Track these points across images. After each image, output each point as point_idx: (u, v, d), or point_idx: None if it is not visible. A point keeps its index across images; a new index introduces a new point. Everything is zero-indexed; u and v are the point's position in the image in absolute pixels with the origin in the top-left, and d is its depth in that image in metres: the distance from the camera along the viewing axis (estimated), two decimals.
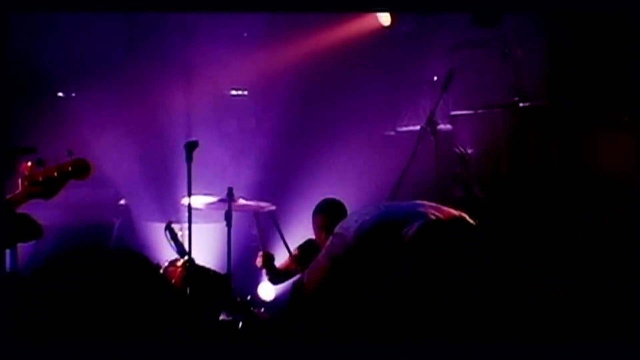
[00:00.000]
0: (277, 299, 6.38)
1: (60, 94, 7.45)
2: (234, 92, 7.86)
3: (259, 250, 6.24)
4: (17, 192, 4.52)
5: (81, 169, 4.65)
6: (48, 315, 4.84)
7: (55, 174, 4.43)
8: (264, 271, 6.27)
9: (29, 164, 4.51)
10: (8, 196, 4.78)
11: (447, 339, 4.94)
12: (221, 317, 5.88)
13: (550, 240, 6.81)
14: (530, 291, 6.14)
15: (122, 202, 7.62)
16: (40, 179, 4.41)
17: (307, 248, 6.02)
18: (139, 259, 5.40)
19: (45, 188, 4.57)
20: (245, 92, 7.89)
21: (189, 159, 5.75)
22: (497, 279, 5.37)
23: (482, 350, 4.88)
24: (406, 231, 4.81)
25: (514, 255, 6.48)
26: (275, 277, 6.13)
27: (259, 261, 6.16)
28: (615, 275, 6.37)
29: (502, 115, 7.01)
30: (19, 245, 5.41)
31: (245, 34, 7.67)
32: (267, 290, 6.38)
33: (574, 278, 6.44)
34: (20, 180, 4.46)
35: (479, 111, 7.06)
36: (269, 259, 6.17)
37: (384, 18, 7.09)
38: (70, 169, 4.56)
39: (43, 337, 4.72)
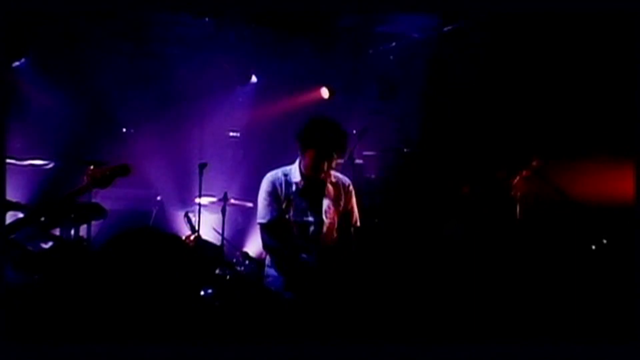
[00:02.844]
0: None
1: (124, 129, 9.47)
2: (231, 134, 9.85)
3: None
4: (83, 185, 5.62)
5: (123, 169, 5.72)
6: (117, 267, 5.79)
7: (107, 172, 5.46)
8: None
9: (92, 167, 5.55)
10: (76, 188, 5.76)
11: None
12: (217, 272, 6.77)
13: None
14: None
15: (158, 197, 9.28)
16: (98, 175, 5.45)
17: None
18: (169, 234, 7.42)
19: (101, 182, 5.56)
20: (238, 134, 9.87)
21: (200, 173, 7.88)
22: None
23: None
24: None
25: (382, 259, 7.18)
26: None
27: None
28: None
29: (393, 156, 8.66)
30: (93, 223, 7.22)
31: (240, 99, 9.78)
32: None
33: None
34: (85, 178, 5.50)
35: (379, 153, 8.68)
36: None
37: (324, 92, 9.07)
38: (117, 169, 5.61)
39: (119, 286, 5.62)
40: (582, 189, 7.78)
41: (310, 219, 6.07)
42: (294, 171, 6.11)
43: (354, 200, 6.23)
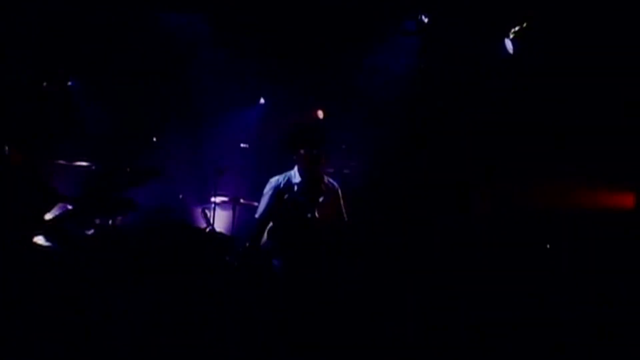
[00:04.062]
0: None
1: (154, 139, 9.71)
2: (242, 145, 10.03)
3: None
4: (119, 184, 6.66)
5: (154, 173, 6.94)
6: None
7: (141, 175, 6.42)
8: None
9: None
10: (114, 185, 7.07)
11: None
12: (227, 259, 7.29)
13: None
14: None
15: (180, 196, 9.58)
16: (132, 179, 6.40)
17: None
18: (191, 226, 8.46)
19: (135, 183, 6.78)
20: (247, 146, 10.05)
21: (216, 177, 8.81)
22: None
23: None
24: None
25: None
26: None
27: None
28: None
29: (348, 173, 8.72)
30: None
31: (250, 117, 10.13)
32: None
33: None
34: (120, 178, 6.60)
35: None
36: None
37: (320, 113, 9.65)
38: (148, 173, 6.62)
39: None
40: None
41: (309, 213, 6.64)
42: (295, 174, 6.82)
43: (342, 201, 6.92)
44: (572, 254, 8.20)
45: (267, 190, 6.80)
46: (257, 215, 6.90)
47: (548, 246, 8.32)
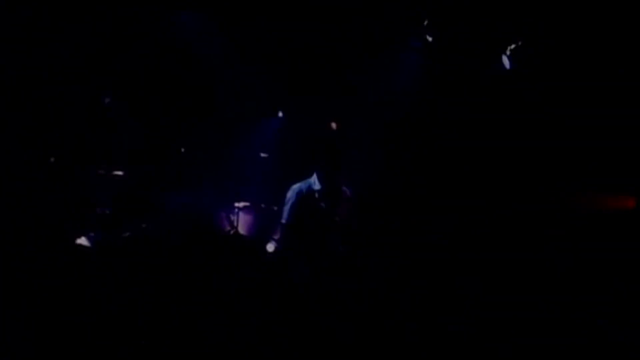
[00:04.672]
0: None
1: (182, 149, 9.93)
2: (262, 155, 10.40)
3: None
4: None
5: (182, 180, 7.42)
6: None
7: None
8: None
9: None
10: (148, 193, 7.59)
11: None
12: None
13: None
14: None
15: (206, 201, 9.77)
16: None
17: None
18: (216, 229, 9.27)
19: None
20: (267, 155, 10.39)
21: (239, 184, 9.57)
22: None
23: None
24: None
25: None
26: None
27: None
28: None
29: None
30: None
31: (270, 129, 10.50)
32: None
33: None
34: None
35: None
36: None
37: (334, 125, 9.98)
38: None
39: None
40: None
41: (328, 219, 6.97)
42: (315, 181, 7.11)
43: (354, 207, 7.25)
44: (573, 255, 8.39)
45: (290, 196, 7.07)
46: (283, 221, 7.17)
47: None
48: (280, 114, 10.72)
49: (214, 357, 5.91)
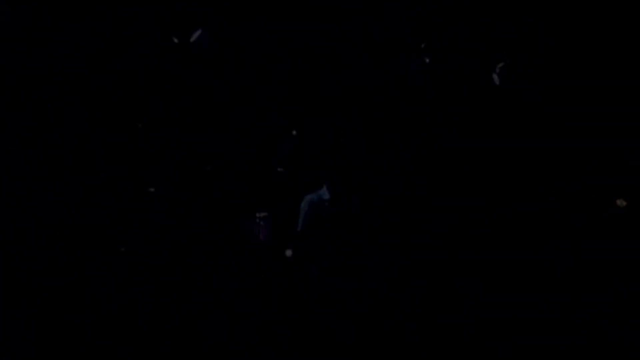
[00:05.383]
0: None
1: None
2: (279, 169, 9.58)
3: None
4: None
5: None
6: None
7: None
8: None
9: None
10: None
11: None
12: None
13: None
14: None
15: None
16: None
17: None
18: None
19: None
20: (282, 170, 9.57)
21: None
22: None
23: None
24: None
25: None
26: None
27: None
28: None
29: None
30: None
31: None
32: None
33: None
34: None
35: None
36: None
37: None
38: None
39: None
40: None
41: (339, 226, 7.51)
42: (324, 192, 7.73)
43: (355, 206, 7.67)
44: (573, 255, 8.33)
45: (304, 205, 7.73)
46: (299, 229, 7.75)
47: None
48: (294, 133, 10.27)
49: (214, 357, 6.10)
